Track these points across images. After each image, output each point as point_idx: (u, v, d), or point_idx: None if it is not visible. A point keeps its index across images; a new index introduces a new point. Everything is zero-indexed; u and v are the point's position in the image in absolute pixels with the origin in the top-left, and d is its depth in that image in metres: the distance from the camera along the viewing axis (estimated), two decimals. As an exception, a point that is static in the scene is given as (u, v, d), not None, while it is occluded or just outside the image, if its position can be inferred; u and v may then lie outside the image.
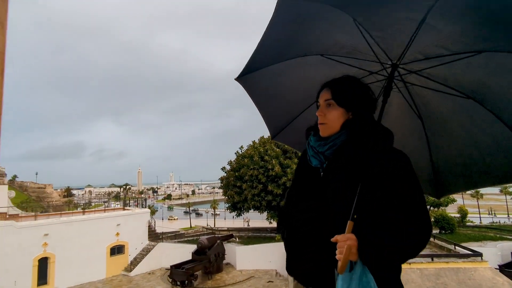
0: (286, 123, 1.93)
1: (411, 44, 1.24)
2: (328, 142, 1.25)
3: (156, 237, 24.72)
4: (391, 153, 1.17)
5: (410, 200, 1.08)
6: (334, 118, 1.26)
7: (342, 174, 1.18)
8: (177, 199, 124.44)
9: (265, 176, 24.15)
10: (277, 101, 1.89)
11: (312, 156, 1.29)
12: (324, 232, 1.14)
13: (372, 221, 1.10)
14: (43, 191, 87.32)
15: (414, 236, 1.04)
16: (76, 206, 46.15)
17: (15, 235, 17.15)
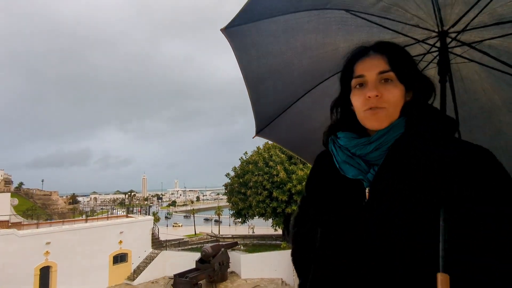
0: (277, 113, 1.60)
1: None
2: (375, 139, 0.84)
3: (159, 245, 24.36)
4: (476, 154, 0.76)
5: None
6: (397, 99, 0.84)
7: (407, 190, 0.77)
8: (182, 206, 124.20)
9: (270, 183, 23.77)
10: (275, 73, 1.47)
11: (345, 162, 0.89)
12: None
13: (470, 275, 0.68)
14: (48, 198, 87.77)
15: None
16: (81, 213, 46.10)
17: (17, 244, 16.91)
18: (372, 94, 0.83)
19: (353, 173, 0.87)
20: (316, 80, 1.40)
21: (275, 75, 1.41)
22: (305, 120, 1.68)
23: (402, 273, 0.73)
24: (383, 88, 0.84)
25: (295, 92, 1.47)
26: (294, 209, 22.74)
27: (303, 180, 22.28)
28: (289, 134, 1.79)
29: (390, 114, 0.84)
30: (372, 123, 0.86)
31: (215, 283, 19.16)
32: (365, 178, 0.85)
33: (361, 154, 0.86)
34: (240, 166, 27.58)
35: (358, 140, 0.88)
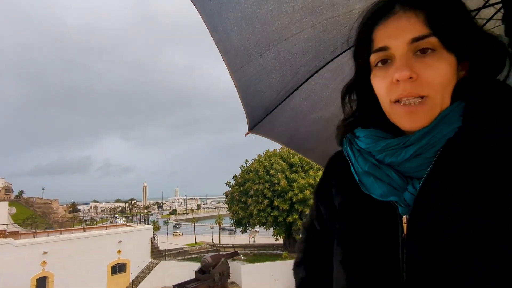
0: (274, 104, 1.37)
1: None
2: (415, 140, 0.55)
3: (159, 254, 23.99)
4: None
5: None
6: (444, 80, 0.54)
7: (476, 221, 0.48)
8: (182, 214, 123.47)
9: (270, 191, 23.53)
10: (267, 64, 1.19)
11: (368, 174, 0.60)
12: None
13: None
14: (49, 206, 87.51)
15: None
16: (81, 222, 45.81)
17: (14, 254, 16.62)
18: (403, 76, 0.53)
19: (380, 191, 0.58)
20: (323, 58, 1.10)
21: (267, 52, 1.09)
22: (310, 112, 1.44)
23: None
24: (420, 65, 0.53)
25: (295, 75, 1.19)
26: (295, 218, 22.47)
27: (304, 188, 22.03)
28: (291, 130, 1.56)
29: (435, 105, 0.55)
30: (405, 123, 0.57)
31: (215, 295, 18.75)
32: (400, 200, 0.57)
33: (392, 162, 0.58)
34: (240, 174, 27.38)
35: (388, 141, 0.58)
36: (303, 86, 1.26)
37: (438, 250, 0.50)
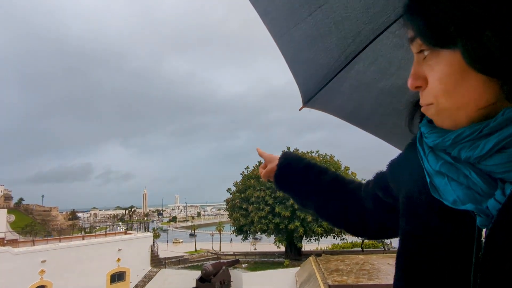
0: (330, 75, 1.18)
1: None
2: (495, 128, 0.44)
3: (159, 262, 23.68)
4: None
5: None
6: (447, 81, 0.47)
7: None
8: (183, 221, 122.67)
9: (272, 198, 23.33)
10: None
11: (441, 174, 0.50)
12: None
13: None
14: (48, 214, 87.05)
15: None
16: (80, 229, 45.42)
17: (11, 262, 16.37)
18: (409, 86, 0.51)
19: (455, 197, 0.47)
20: (393, 11, 0.91)
21: (317, 11, 0.91)
22: (378, 79, 1.22)
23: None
24: (427, 69, 0.48)
25: (356, 36, 1.01)
26: (297, 225, 22.21)
27: (306, 195, 21.87)
28: (354, 103, 1.35)
29: (446, 110, 0.48)
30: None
31: (216, 304, 18.45)
32: (480, 209, 0.45)
33: (470, 158, 0.46)
34: (241, 181, 27.21)
35: (459, 131, 0.47)
36: (367, 48, 1.06)
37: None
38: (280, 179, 0.96)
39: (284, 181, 0.96)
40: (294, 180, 0.94)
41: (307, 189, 0.92)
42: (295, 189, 0.95)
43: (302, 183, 0.93)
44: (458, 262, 0.47)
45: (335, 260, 19.80)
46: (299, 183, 0.93)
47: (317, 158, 25.55)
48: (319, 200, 0.90)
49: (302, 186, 0.93)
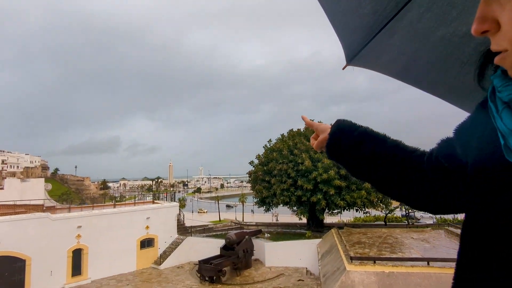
0: (377, 28, 1.03)
1: None
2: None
3: (185, 230, 24.74)
4: None
5: None
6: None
7: None
8: (207, 192, 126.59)
9: (294, 171, 23.29)
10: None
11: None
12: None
13: None
14: (81, 183, 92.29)
15: None
16: (111, 198, 47.91)
17: (51, 227, 17.66)
18: (473, 32, 0.40)
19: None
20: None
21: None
22: (435, 28, 1.04)
23: None
24: (498, 9, 0.38)
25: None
26: (319, 197, 22.23)
27: (329, 168, 21.60)
28: (405, 57, 1.18)
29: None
30: None
31: (240, 270, 19.19)
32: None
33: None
34: (264, 154, 27.24)
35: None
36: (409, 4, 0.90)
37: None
38: (333, 149, 0.84)
39: (336, 151, 0.83)
40: (347, 150, 0.81)
41: (362, 160, 0.78)
42: (349, 159, 0.82)
43: (356, 153, 0.79)
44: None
45: (357, 233, 19.85)
46: (353, 153, 0.80)
47: (341, 131, 25.05)
48: (376, 172, 0.76)
49: (357, 157, 0.79)
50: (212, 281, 17.79)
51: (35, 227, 17.08)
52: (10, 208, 19.82)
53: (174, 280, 18.89)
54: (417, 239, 17.08)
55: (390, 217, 30.20)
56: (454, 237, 16.91)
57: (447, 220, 25.14)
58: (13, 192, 24.24)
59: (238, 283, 17.85)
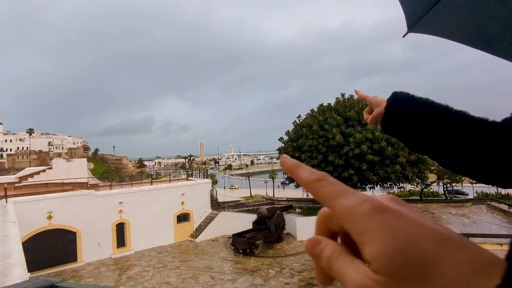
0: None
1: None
2: None
3: (218, 206, 25.61)
4: None
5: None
6: None
7: None
8: (237, 169, 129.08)
9: (325, 146, 22.95)
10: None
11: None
12: None
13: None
14: (120, 162, 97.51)
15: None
16: (148, 176, 50.42)
17: (95, 203, 19.03)
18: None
19: None
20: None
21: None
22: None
23: None
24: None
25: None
26: (351, 173, 21.90)
27: (361, 143, 21.04)
28: (477, 19, 1.07)
29: None
30: None
31: (272, 244, 19.73)
32: None
33: None
34: (293, 130, 27.02)
35: None
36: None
37: None
38: (389, 123, 0.78)
39: (394, 125, 0.77)
40: (405, 124, 0.75)
41: (422, 133, 0.72)
42: (407, 133, 0.75)
43: (416, 126, 0.73)
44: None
45: (391, 208, 19.50)
46: (412, 126, 0.74)
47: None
48: (439, 145, 0.70)
49: (416, 130, 0.73)
50: (245, 253, 18.49)
51: (82, 203, 18.48)
52: (59, 186, 21.51)
53: (210, 252, 19.84)
54: (455, 214, 16.50)
55: (426, 192, 29.22)
56: (497, 212, 16.13)
57: (489, 194, 23.86)
58: (60, 171, 26.19)
59: (271, 256, 18.41)
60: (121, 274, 16.69)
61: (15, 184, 22.94)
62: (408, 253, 0.22)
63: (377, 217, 0.24)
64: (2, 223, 9.63)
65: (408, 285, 0.22)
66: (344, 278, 0.25)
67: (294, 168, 0.34)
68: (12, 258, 5.60)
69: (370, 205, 0.25)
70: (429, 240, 0.23)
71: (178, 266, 17.38)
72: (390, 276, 0.22)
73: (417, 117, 0.72)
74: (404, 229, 0.23)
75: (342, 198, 0.27)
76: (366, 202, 0.25)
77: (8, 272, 4.84)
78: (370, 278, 0.23)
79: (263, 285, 14.42)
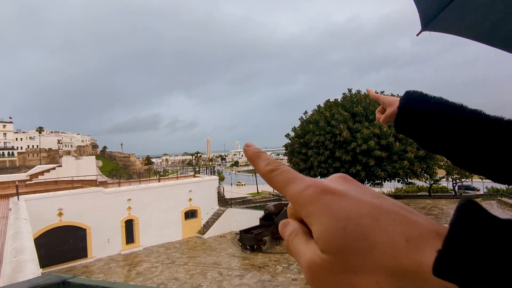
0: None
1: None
2: None
3: (225, 202, 25.73)
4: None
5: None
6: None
7: None
8: (244, 166, 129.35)
9: (332, 142, 22.82)
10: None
11: None
12: None
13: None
14: (128, 159, 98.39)
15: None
16: (155, 173, 50.82)
17: (104, 200, 19.29)
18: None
19: None
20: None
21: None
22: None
23: None
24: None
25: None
26: (358, 169, 21.75)
27: (369, 139, 20.87)
28: (494, 15, 1.04)
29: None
30: None
31: (279, 240, 19.77)
32: None
33: None
34: (300, 126, 26.91)
35: None
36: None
37: None
38: (403, 123, 0.77)
39: (407, 124, 0.76)
40: (419, 123, 0.73)
41: (436, 133, 0.70)
42: (421, 133, 0.73)
43: (429, 126, 0.71)
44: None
45: (399, 204, 19.34)
46: (426, 126, 0.72)
47: (381, 100, 23.80)
48: (453, 144, 0.69)
49: (430, 130, 0.72)
50: (253, 249, 18.57)
51: (91, 200, 18.75)
52: (68, 183, 21.86)
53: (217, 248, 19.98)
54: (465, 210, 16.30)
55: (435, 188, 28.92)
56: (507, 207, 15.88)
57: (500, 190, 23.51)
58: (70, 169, 26.59)
59: (278, 252, 18.46)
60: (130, 270, 16.93)
61: (26, 181, 23.36)
62: (347, 230, 0.23)
63: (320, 199, 0.26)
64: (15, 220, 9.82)
65: (349, 260, 0.23)
66: (298, 255, 0.27)
67: (254, 157, 0.35)
68: (25, 254, 5.72)
69: (314, 189, 0.27)
70: (367, 215, 0.24)
71: (186, 262, 17.55)
72: (334, 254, 0.23)
73: (427, 117, 0.71)
74: (344, 208, 0.25)
75: (291, 185, 0.28)
76: (310, 186, 0.27)
77: (22, 268, 4.94)
78: (318, 256, 0.25)
79: (270, 281, 14.49)
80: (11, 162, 76.94)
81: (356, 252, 0.23)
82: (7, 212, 12.90)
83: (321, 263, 0.24)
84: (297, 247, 0.27)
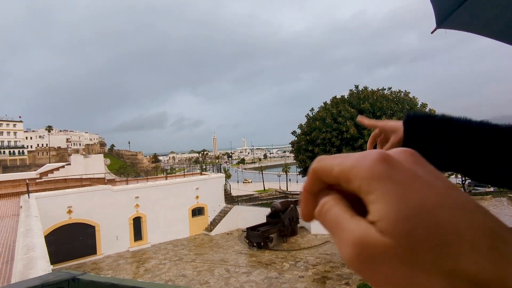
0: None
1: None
2: None
3: (232, 200, 25.81)
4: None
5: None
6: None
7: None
8: (250, 163, 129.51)
9: (338, 139, 22.70)
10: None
11: None
12: None
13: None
14: (135, 157, 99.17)
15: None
16: (163, 170, 51.18)
17: (113, 198, 19.51)
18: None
19: None
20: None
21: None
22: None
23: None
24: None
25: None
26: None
27: (376, 135, 20.70)
28: (505, 14, 1.02)
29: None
30: None
31: (286, 237, 19.80)
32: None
33: None
34: (306, 123, 26.80)
35: None
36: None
37: None
38: (412, 138, 0.72)
39: (416, 139, 0.72)
40: (427, 146, 0.70)
41: (446, 151, 0.67)
42: (430, 154, 0.68)
43: (439, 146, 0.68)
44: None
45: (407, 201, 19.21)
46: (435, 147, 0.69)
47: (389, 96, 23.54)
48: (466, 160, 0.66)
49: (440, 149, 0.68)
50: (259, 247, 18.63)
51: (100, 198, 18.98)
52: (77, 181, 22.15)
53: (224, 245, 20.08)
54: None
55: (443, 185, 28.58)
56: (518, 205, 15.63)
57: (510, 187, 23.17)
58: (79, 167, 26.90)
59: (285, 249, 18.49)
60: (138, 266, 17.12)
61: (36, 180, 23.74)
62: (420, 219, 0.20)
63: (391, 176, 0.21)
64: (26, 217, 10.01)
65: (419, 252, 0.19)
66: (338, 227, 0.22)
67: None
68: (36, 251, 5.82)
69: (383, 162, 0.22)
70: (444, 207, 0.20)
71: (194, 259, 17.68)
72: (400, 240, 0.19)
73: (439, 137, 0.68)
74: (417, 192, 0.21)
75: (346, 161, 0.23)
76: (379, 159, 0.22)
77: (33, 265, 5.04)
78: (375, 237, 0.20)
79: (277, 278, 14.52)
80: (21, 161, 78.28)
81: (429, 246, 0.19)
82: (18, 209, 13.15)
83: (378, 245, 0.20)
84: (338, 218, 0.22)
